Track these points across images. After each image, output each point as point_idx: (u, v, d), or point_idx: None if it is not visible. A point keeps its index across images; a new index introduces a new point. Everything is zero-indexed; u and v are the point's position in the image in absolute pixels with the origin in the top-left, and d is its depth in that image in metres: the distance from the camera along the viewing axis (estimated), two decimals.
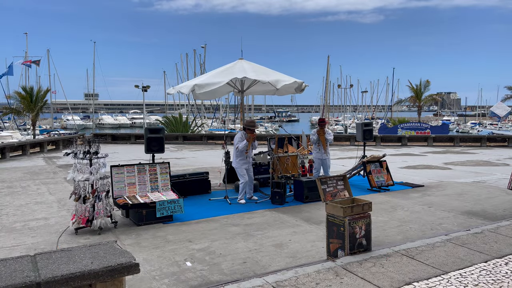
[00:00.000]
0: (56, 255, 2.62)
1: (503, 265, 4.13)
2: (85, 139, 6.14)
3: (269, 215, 6.75)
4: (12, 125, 37.54)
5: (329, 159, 9.16)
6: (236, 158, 7.64)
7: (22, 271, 2.36)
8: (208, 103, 51.62)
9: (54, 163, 13.74)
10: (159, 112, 79.14)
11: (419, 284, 3.69)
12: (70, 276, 2.34)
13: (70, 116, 55.29)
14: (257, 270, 4.38)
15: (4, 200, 7.99)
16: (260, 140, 14.31)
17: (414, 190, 8.65)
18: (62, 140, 19.15)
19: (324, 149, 8.97)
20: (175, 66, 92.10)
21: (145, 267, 4.47)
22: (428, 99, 36.04)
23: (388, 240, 5.25)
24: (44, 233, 5.84)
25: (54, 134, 28.76)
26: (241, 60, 9.22)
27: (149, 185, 6.74)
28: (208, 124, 41.04)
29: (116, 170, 6.54)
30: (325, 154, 8.97)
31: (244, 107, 12.55)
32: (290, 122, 78.67)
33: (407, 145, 19.82)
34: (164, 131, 8.03)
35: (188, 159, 14.70)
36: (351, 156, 14.01)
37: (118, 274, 2.49)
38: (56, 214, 6.90)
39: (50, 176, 10.91)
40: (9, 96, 28.64)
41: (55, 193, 8.59)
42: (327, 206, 4.53)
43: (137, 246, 5.20)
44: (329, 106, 59.08)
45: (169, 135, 21.45)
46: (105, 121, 65.33)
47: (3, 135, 26.14)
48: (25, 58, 38.12)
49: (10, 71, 29.62)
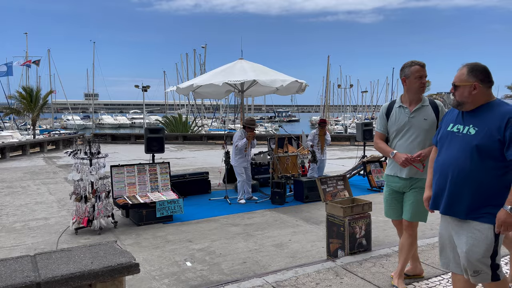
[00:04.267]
0: (56, 255, 2.61)
1: (502, 265, 4.12)
2: (85, 139, 6.14)
3: (269, 215, 6.75)
4: (12, 125, 37.52)
5: (325, 160, 9.21)
6: (235, 156, 7.65)
7: (22, 271, 2.35)
8: (208, 103, 51.61)
9: (54, 163, 13.74)
10: (159, 112, 79.06)
11: (419, 284, 3.70)
12: (70, 276, 2.34)
13: (70, 116, 55.22)
14: (257, 270, 4.37)
15: (4, 200, 7.99)
16: (260, 140, 14.31)
17: None
18: (62, 140, 19.14)
19: (322, 150, 8.99)
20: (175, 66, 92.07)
21: (145, 267, 4.47)
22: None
23: (388, 240, 5.25)
24: (44, 233, 5.84)
25: (55, 134, 28.73)
26: (241, 60, 9.23)
27: (149, 185, 6.74)
28: (208, 124, 41.01)
29: (116, 170, 6.54)
30: (322, 155, 9.00)
31: (244, 107, 12.55)
32: (290, 122, 78.60)
33: None
34: (164, 131, 8.03)
35: (188, 159, 14.70)
36: (351, 156, 14.00)
37: (118, 274, 2.49)
38: (56, 214, 6.90)
39: (50, 176, 10.91)
40: (10, 96, 28.61)
41: (55, 193, 8.59)
42: (327, 206, 4.53)
43: (137, 246, 5.20)
44: (329, 106, 59.06)
45: (169, 135, 21.45)
46: (105, 121, 65.23)
47: (3, 135, 26.11)
48: (25, 58, 38.09)
49: (9, 71, 29.59)
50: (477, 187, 2.53)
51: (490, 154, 2.48)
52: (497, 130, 2.47)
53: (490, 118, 2.53)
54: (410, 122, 3.49)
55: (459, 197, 2.60)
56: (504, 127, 2.45)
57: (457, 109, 2.69)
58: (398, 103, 3.59)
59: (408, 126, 3.50)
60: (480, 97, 2.58)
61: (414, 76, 3.42)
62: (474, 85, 2.56)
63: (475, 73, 2.57)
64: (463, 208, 2.60)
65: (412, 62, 3.48)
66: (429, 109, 3.52)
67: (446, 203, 2.67)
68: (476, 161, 2.51)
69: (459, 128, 2.65)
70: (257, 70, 8.77)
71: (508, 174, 2.46)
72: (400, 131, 3.54)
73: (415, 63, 3.46)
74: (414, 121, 3.48)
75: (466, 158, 2.55)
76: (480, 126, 2.55)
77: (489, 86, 2.60)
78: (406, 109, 3.52)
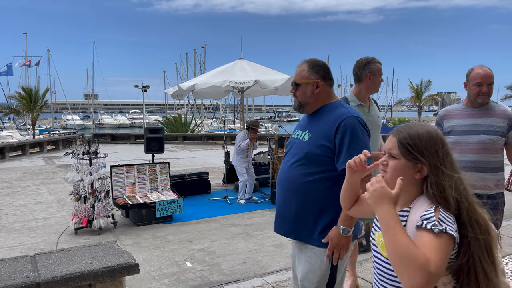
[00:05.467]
0: (55, 255, 2.61)
1: (503, 265, 4.12)
2: (85, 139, 6.14)
3: (269, 215, 6.74)
4: (12, 125, 37.51)
5: None
6: (237, 156, 7.67)
7: (22, 271, 2.35)
8: (208, 103, 51.62)
9: (54, 163, 13.73)
10: (159, 112, 79.08)
11: None
12: (69, 276, 2.33)
13: (70, 116, 55.22)
14: (257, 270, 4.37)
15: (3, 200, 7.98)
16: (260, 140, 14.28)
17: None
18: (61, 140, 19.12)
19: None
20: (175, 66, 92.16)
21: (145, 267, 4.46)
22: (429, 99, 36.09)
23: None
24: (44, 233, 5.84)
25: (54, 134, 28.71)
26: (241, 60, 9.23)
27: (149, 185, 6.73)
28: (208, 124, 41.01)
29: (116, 170, 6.53)
30: None
31: (244, 107, 12.55)
32: (290, 122, 78.61)
33: None
34: (164, 131, 8.03)
35: (188, 159, 14.69)
36: None
37: (118, 275, 2.49)
38: (55, 214, 6.89)
39: (49, 176, 10.90)
40: (10, 96, 28.61)
41: (54, 193, 8.58)
42: None
43: (136, 246, 5.19)
44: None
45: (169, 135, 21.43)
46: (104, 121, 65.21)
47: (2, 135, 26.09)
48: (25, 58, 38.09)
49: (10, 71, 29.58)
50: (307, 201, 2.18)
51: (319, 162, 2.16)
52: (327, 136, 2.16)
53: (324, 122, 2.21)
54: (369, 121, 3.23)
55: (289, 214, 2.25)
56: (335, 132, 2.14)
57: (299, 111, 2.35)
58: (355, 101, 3.30)
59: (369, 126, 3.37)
60: (323, 97, 2.28)
61: (379, 75, 3.29)
62: (316, 83, 2.25)
63: (316, 69, 2.27)
64: (292, 226, 2.25)
65: (373, 58, 3.31)
66: (376, 106, 3.47)
67: (278, 221, 2.35)
68: (306, 171, 2.18)
69: (298, 134, 2.35)
70: (257, 70, 8.77)
71: (337, 186, 1.86)
72: None
73: (377, 60, 3.31)
74: (373, 120, 3.34)
75: (296, 168, 2.23)
76: (315, 131, 2.23)
77: (331, 85, 2.32)
78: (365, 108, 3.32)
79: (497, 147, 3.07)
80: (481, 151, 3.05)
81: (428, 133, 1.43)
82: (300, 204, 2.20)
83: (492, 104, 3.14)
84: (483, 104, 3.09)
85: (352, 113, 2.21)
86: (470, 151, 3.06)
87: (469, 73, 3.09)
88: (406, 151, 1.42)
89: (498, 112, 3.09)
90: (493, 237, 1.41)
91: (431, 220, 1.30)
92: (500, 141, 3.06)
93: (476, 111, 3.12)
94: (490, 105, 3.13)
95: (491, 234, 1.40)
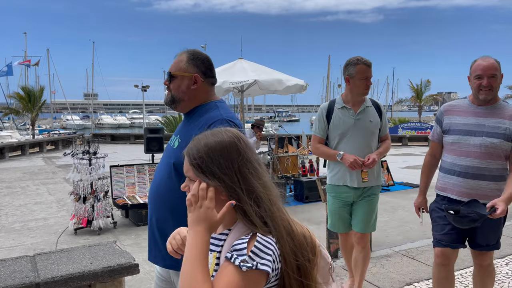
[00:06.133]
0: (55, 256, 2.61)
1: (503, 265, 4.12)
2: (85, 139, 6.13)
3: None
4: (12, 125, 37.50)
5: None
6: None
7: (22, 272, 2.35)
8: None
9: (54, 163, 13.73)
10: (159, 112, 79.08)
11: (419, 284, 3.69)
12: (69, 276, 2.33)
13: (70, 116, 55.21)
14: None
15: (3, 200, 7.97)
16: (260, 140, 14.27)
17: (414, 190, 8.64)
18: (61, 140, 19.12)
19: None
20: None
21: (145, 268, 4.45)
22: (429, 99, 36.07)
23: (389, 241, 5.24)
24: (44, 233, 5.83)
25: (54, 134, 28.70)
26: (241, 59, 9.21)
27: (149, 185, 6.72)
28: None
29: (115, 170, 6.53)
30: None
31: (244, 107, 12.55)
32: (290, 122, 78.61)
33: (407, 145, 19.82)
34: (163, 131, 8.02)
35: None
36: None
37: (117, 275, 2.48)
38: (55, 214, 6.88)
39: (49, 176, 10.89)
40: (10, 96, 28.58)
41: (54, 193, 8.57)
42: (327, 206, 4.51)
43: (136, 247, 5.19)
44: None
45: (169, 135, 21.39)
46: (104, 121, 65.21)
47: (2, 135, 26.07)
48: (24, 58, 38.10)
49: (10, 71, 29.58)
50: (173, 220, 1.87)
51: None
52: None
53: (194, 125, 1.92)
54: (356, 125, 3.17)
55: (154, 236, 2.01)
56: None
57: (171, 107, 2.05)
58: (339, 103, 3.22)
59: (354, 129, 3.17)
60: (199, 95, 1.99)
61: (359, 77, 3.11)
62: (194, 78, 1.97)
63: (196, 62, 1.98)
64: (157, 251, 1.99)
65: (357, 59, 3.13)
66: (373, 110, 3.25)
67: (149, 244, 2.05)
68: (173, 183, 1.88)
69: (172, 138, 2.06)
70: (258, 70, 8.76)
71: None
72: (344, 135, 3.19)
73: (361, 61, 3.12)
74: (360, 124, 3.18)
75: (162, 179, 1.97)
76: (184, 136, 1.95)
77: (212, 83, 2.05)
78: (350, 111, 3.19)
79: (500, 152, 2.66)
80: (482, 155, 2.65)
81: (221, 143, 1.17)
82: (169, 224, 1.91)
83: (502, 103, 2.73)
84: (487, 101, 2.68)
85: (224, 115, 1.91)
86: (470, 154, 2.68)
87: (471, 65, 2.74)
88: (198, 172, 1.16)
89: (506, 112, 2.68)
90: (312, 260, 1.19)
91: (241, 253, 1.08)
92: (504, 145, 2.64)
93: (482, 109, 2.71)
94: (499, 104, 2.72)
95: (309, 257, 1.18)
